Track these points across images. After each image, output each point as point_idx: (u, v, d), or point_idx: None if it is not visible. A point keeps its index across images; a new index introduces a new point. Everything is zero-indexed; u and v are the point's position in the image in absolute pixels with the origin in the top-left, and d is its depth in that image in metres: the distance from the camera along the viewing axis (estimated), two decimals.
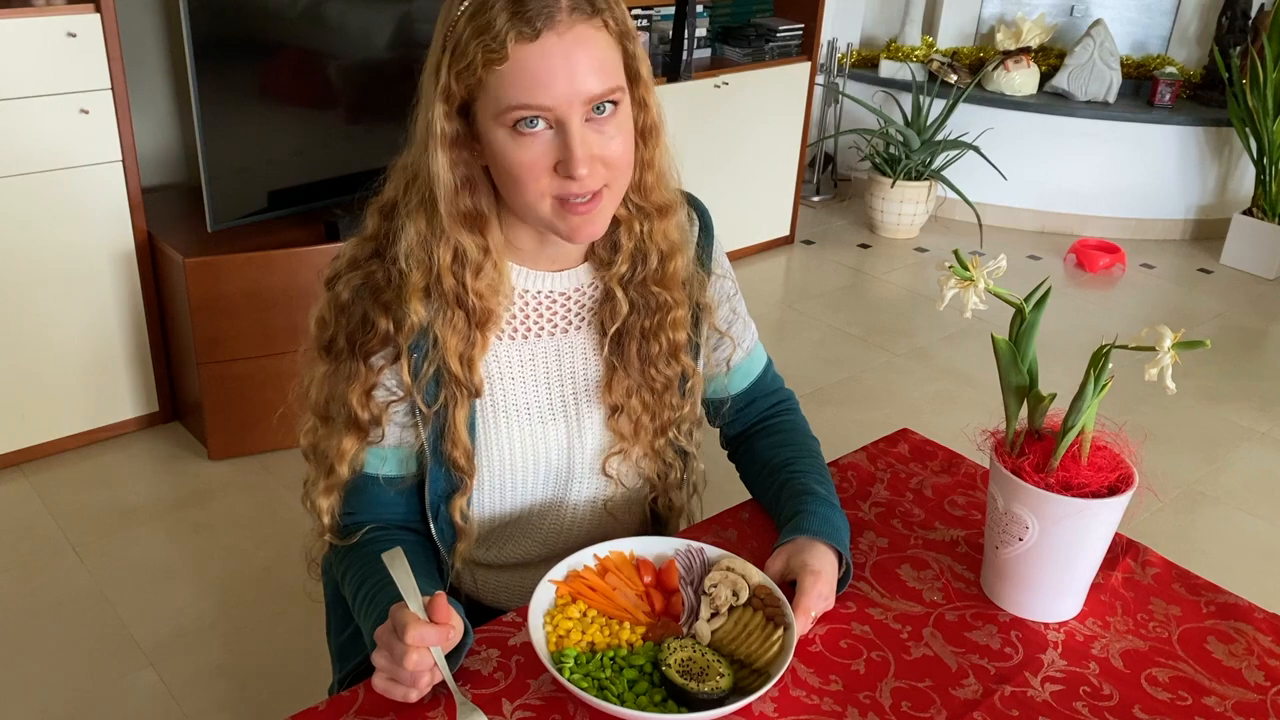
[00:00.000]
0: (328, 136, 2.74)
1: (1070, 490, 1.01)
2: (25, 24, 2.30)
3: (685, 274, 1.15)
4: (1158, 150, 4.56)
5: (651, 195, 1.10)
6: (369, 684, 0.94)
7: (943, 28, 4.90)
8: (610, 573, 1.06)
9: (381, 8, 2.72)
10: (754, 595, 1.03)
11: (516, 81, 0.94)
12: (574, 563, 1.06)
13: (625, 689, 0.95)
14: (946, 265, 1.05)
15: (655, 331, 1.14)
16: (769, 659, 0.97)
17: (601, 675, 0.95)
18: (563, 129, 0.96)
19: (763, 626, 1.00)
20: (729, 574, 1.05)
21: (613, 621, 1.02)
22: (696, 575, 1.07)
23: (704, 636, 1.00)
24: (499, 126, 0.97)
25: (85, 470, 2.63)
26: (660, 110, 1.08)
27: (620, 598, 1.04)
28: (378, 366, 1.06)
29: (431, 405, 1.07)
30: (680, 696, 0.93)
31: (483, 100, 0.97)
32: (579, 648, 0.98)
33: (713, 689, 0.93)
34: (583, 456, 1.16)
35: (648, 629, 1.02)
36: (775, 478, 1.21)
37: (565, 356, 1.14)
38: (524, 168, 0.98)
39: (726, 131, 3.88)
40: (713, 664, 0.96)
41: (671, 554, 1.09)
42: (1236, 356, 3.68)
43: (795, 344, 3.56)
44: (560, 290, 1.13)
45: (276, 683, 2.02)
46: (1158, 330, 0.98)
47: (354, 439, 1.07)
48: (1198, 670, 1.03)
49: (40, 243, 2.47)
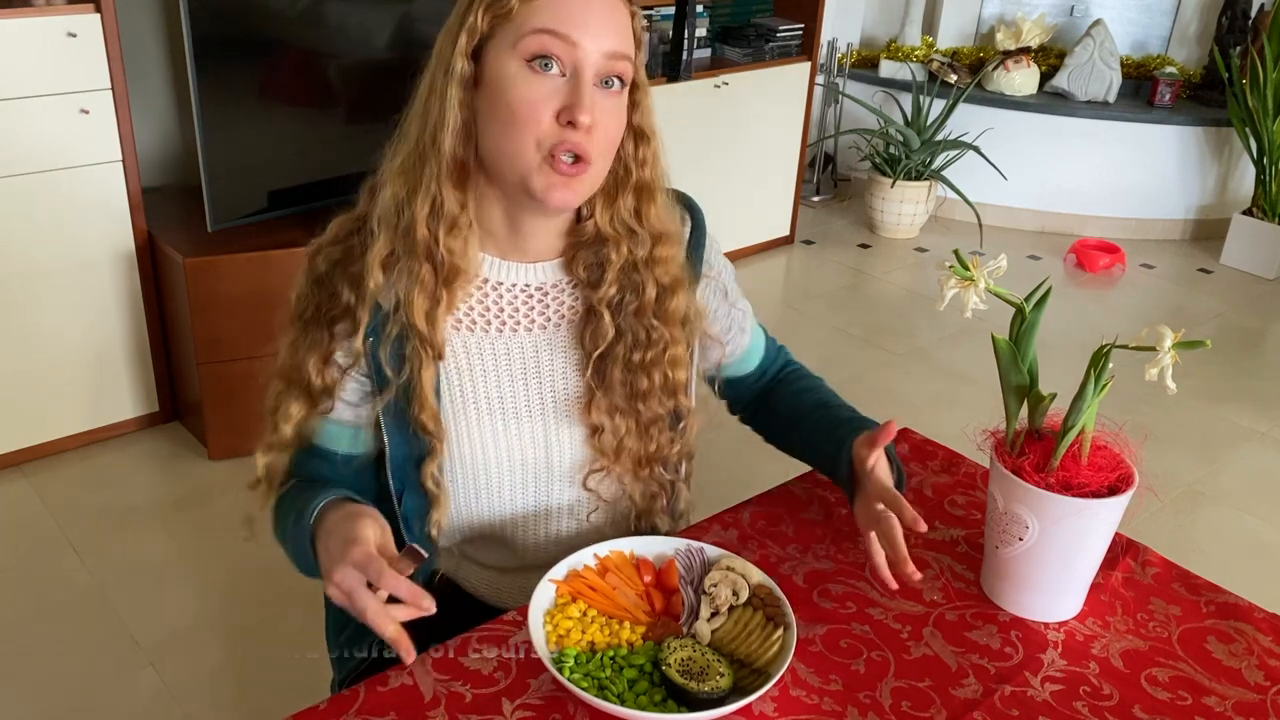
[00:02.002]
0: (328, 136, 2.74)
1: (1070, 490, 1.01)
2: (25, 24, 2.30)
3: (686, 311, 1.14)
4: (1158, 150, 4.56)
5: (650, 222, 1.10)
6: (369, 683, 0.95)
7: (943, 28, 4.90)
8: (610, 572, 1.06)
9: (381, 8, 2.72)
10: (754, 595, 1.03)
11: (549, 10, 0.97)
12: (574, 562, 1.06)
13: (625, 688, 0.95)
14: (947, 265, 1.05)
15: (648, 367, 1.12)
16: (769, 659, 0.97)
17: (601, 675, 0.95)
18: (576, 76, 0.98)
19: (762, 626, 1.00)
20: (729, 573, 1.05)
21: (613, 621, 1.02)
22: (696, 575, 1.07)
23: (704, 636, 1.00)
24: (514, 58, 0.98)
25: (85, 470, 2.63)
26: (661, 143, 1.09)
27: (620, 597, 1.04)
28: (338, 336, 1.07)
29: (397, 371, 1.06)
30: (680, 696, 0.93)
31: (504, 32, 0.98)
32: (579, 647, 0.98)
33: (713, 689, 0.93)
34: (561, 465, 1.15)
35: (648, 628, 1.02)
36: (811, 417, 1.26)
37: (543, 356, 1.13)
38: (528, 105, 0.98)
39: (726, 131, 3.88)
40: (713, 664, 0.96)
41: (671, 553, 1.09)
42: (1236, 356, 3.68)
43: (795, 344, 3.53)
44: (534, 285, 1.12)
45: (276, 683, 2.02)
46: (1158, 330, 0.98)
47: (302, 404, 1.07)
48: (1198, 670, 1.03)
49: (40, 243, 2.47)
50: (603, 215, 1.09)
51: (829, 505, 1.26)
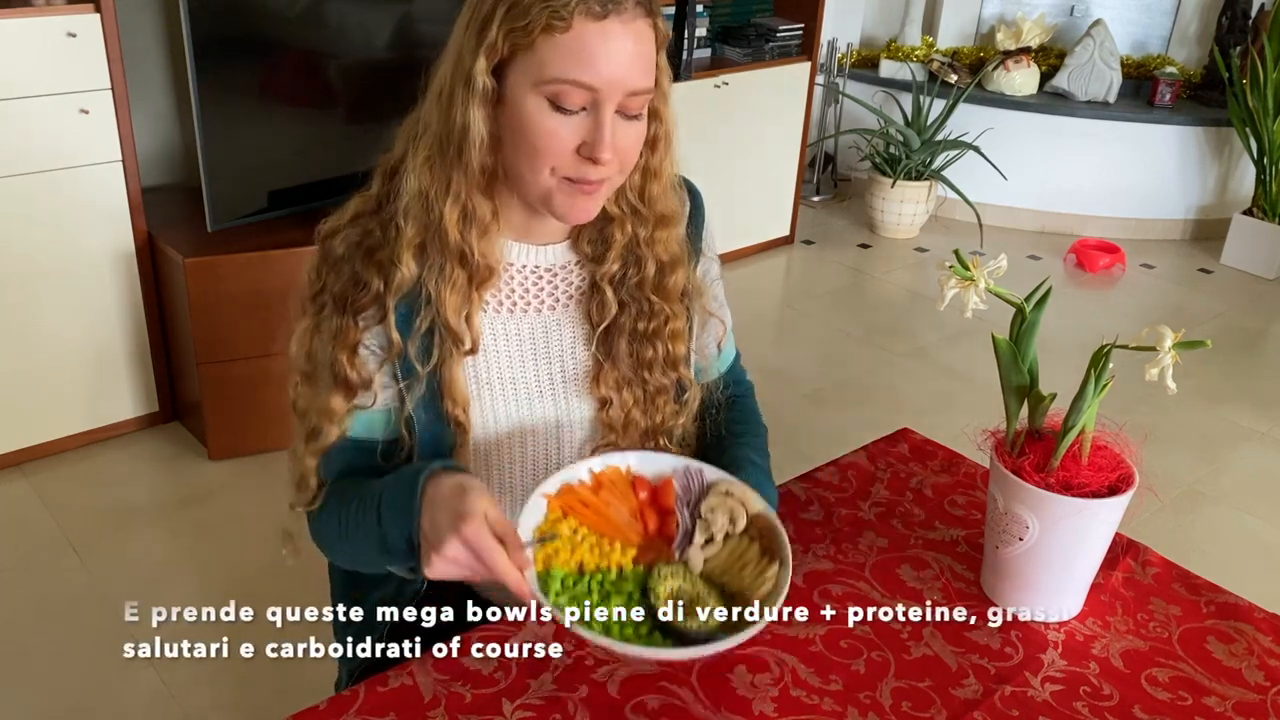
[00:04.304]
0: (328, 136, 2.74)
1: (1070, 490, 1.01)
2: (25, 24, 2.30)
3: (685, 286, 1.15)
4: (1158, 150, 4.56)
5: (655, 204, 1.11)
6: (369, 683, 0.95)
7: (943, 28, 4.90)
8: (605, 489, 1.01)
9: (381, 8, 2.72)
10: (751, 524, 1.00)
11: (570, 54, 0.96)
12: (568, 476, 1.01)
13: (612, 617, 0.92)
14: (947, 265, 1.05)
15: (652, 337, 1.14)
16: (762, 595, 0.94)
17: (588, 600, 0.93)
18: (596, 112, 0.98)
19: (758, 559, 0.97)
20: (728, 499, 1.00)
21: (603, 541, 0.98)
22: (694, 497, 1.02)
23: (696, 564, 0.97)
24: (535, 94, 0.98)
25: (85, 470, 2.63)
26: (674, 124, 1.09)
27: (613, 514, 1.00)
28: (364, 325, 1.06)
29: (425, 364, 1.06)
30: (667, 629, 0.91)
31: (524, 62, 0.98)
32: (567, 568, 0.95)
33: (701, 626, 0.90)
34: (571, 445, 1.16)
35: (639, 551, 0.98)
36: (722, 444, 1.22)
37: (553, 335, 1.14)
38: (549, 140, 0.98)
39: (726, 131, 3.88)
40: (703, 596, 0.94)
41: (670, 472, 1.04)
42: (1236, 356, 3.68)
43: (795, 344, 3.56)
44: (545, 266, 1.14)
45: (276, 683, 2.01)
46: (1158, 330, 0.98)
47: (342, 398, 1.06)
48: (1198, 670, 1.03)
49: (40, 243, 2.46)
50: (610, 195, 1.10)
51: (829, 505, 1.26)
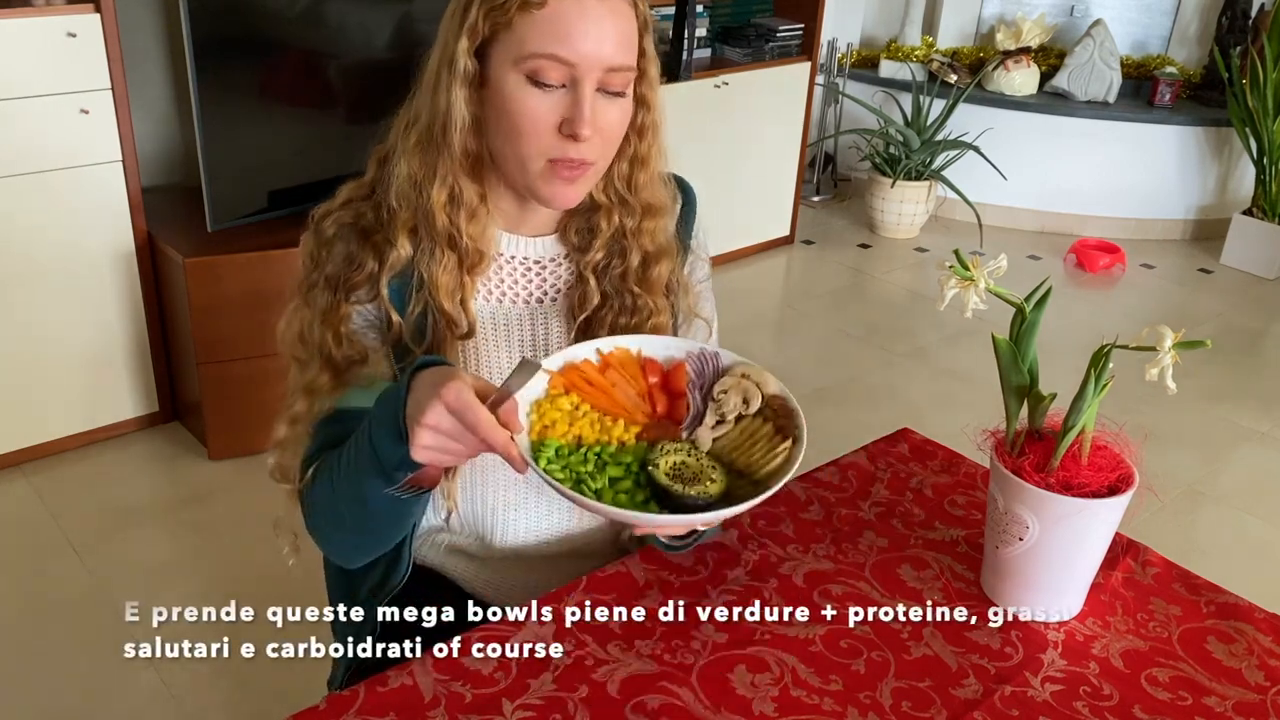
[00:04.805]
0: (328, 136, 2.73)
1: (1070, 490, 1.01)
2: (25, 24, 2.30)
3: (669, 281, 1.15)
4: (1158, 150, 4.56)
5: (641, 193, 1.11)
6: (369, 683, 0.94)
7: (943, 28, 4.90)
8: (612, 369, 0.96)
9: (381, 8, 2.72)
10: (766, 405, 0.94)
11: (548, 30, 0.96)
12: (572, 355, 0.95)
13: (605, 485, 0.87)
14: (947, 265, 1.05)
15: (634, 331, 1.13)
16: (771, 470, 0.89)
17: (582, 469, 0.87)
18: (576, 88, 0.98)
19: (770, 437, 0.92)
20: (743, 381, 0.95)
21: (606, 418, 0.92)
22: (708, 380, 0.97)
23: (704, 443, 0.92)
24: (515, 72, 0.98)
25: (85, 470, 2.63)
26: (662, 113, 1.09)
27: (619, 394, 0.94)
28: (355, 302, 1.06)
29: (419, 345, 1.06)
30: (664, 499, 0.86)
31: (504, 41, 0.98)
32: (564, 440, 0.89)
33: (699, 493, 0.86)
34: None
35: (643, 429, 0.92)
36: None
37: (539, 328, 1.14)
38: (529, 119, 0.99)
39: (726, 131, 3.88)
40: (706, 470, 0.89)
41: (683, 357, 0.98)
42: (1236, 356, 3.68)
43: (795, 344, 3.56)
44: (534, 258, 1.14)
45: (276, 683, 2.01)
46: (1158, 330, 0.98)
47: (329, 376, 1.06)
48: (1198, 670, 1.03)
49: (40, 243, 2.46)
50: (597, 183, 1.10)
51: (829, 505, 1.26)
